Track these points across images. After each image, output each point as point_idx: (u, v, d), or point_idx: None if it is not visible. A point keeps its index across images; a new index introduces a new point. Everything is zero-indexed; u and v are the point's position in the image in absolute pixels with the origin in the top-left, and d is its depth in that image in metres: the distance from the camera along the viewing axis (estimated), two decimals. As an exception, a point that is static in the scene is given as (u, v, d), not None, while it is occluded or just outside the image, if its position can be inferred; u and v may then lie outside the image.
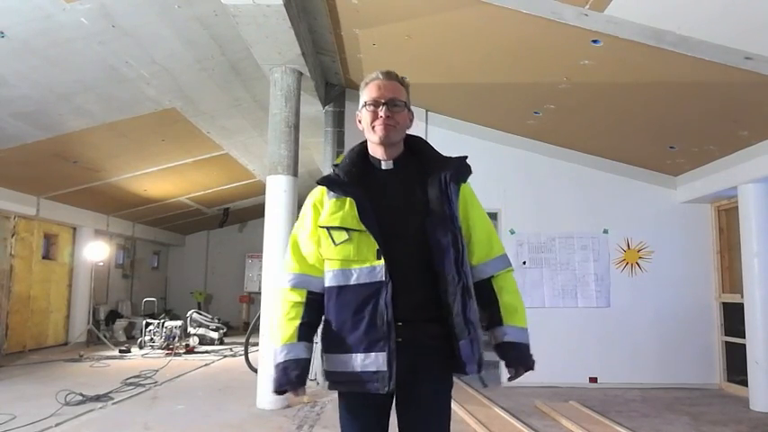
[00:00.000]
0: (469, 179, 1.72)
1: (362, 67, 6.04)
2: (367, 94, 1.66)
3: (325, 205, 1.65)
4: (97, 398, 5.29)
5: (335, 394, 1.70)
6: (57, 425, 4.41)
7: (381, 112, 1.61)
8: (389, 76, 1.68)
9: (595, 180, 6.65)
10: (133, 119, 6.79)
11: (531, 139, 6.63)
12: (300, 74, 5.49)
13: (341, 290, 1.58)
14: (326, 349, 1.62)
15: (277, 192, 5.25)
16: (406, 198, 1.63)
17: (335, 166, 1.71)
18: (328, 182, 1.65)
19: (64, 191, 8.87)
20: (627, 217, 6.62)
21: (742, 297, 5.60)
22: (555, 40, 4.27)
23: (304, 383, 1.63)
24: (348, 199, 1.59)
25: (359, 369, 1.53)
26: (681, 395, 5.95)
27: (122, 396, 5.50)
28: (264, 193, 5.36)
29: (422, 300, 1.57)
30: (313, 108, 6.63)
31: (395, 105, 1.63)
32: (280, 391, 1.62)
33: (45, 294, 9.52)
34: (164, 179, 9.52)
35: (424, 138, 1.79)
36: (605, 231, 6.60)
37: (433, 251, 1.56)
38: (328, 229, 1.59)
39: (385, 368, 1.50)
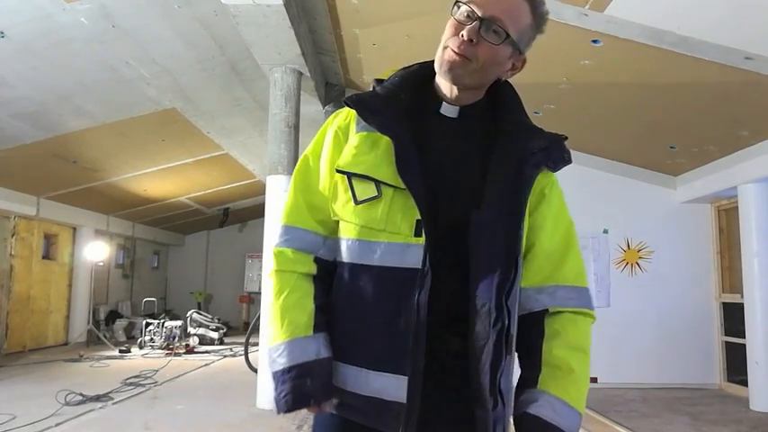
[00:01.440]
0: None
1: (362, 67, 6.04)
2: None
3: (350, 138, 1.10)
4: (97, 398, 5.28)
5: None
6: (57, 425, 4.41)
7: (465, 30, 1.01)
8: None
9: (595, 180, 6.65)
10: (133, 119, 6.79)
11: (531, 139, 6.62)
12: (300, 74, 5.49)
13: (356, 270, 1.06)
14: None
15: (277, 192, 5.25)
16: (460, 165, 1.08)
17: (378, 81, 1.16)
18: (361, 104, 1.08)
19: (64, 191, 8.87)
20: (627, 217, 6.61)
21: (742, 297, 5.60)
22: (555, 40, 4.27)
23: (331, 392, 1.06)
24: (385, 138, 1.05)
25: (364, 392, 1.03)
26: (681, 395, 5.95)
27: (122, 396, 5.50)
28: (264, 193, 5.37)
29: (450, 303, 1.03)
30: (313, 108, 6.63)
31: (491, 30, 1.01)
32: (294, 409, 1.06)
33: (45, 294, 9.52)
34: (164, 179, 9.52)
35: (516, 93, 1.17)
36: (605, 231, 6.60)
37: (471, 261, 1.01)
38: (349, 175, 1.05)
39: (404, 399, 0.98)
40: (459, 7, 1.04)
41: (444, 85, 1.10)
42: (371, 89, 1.13)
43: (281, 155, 5.29)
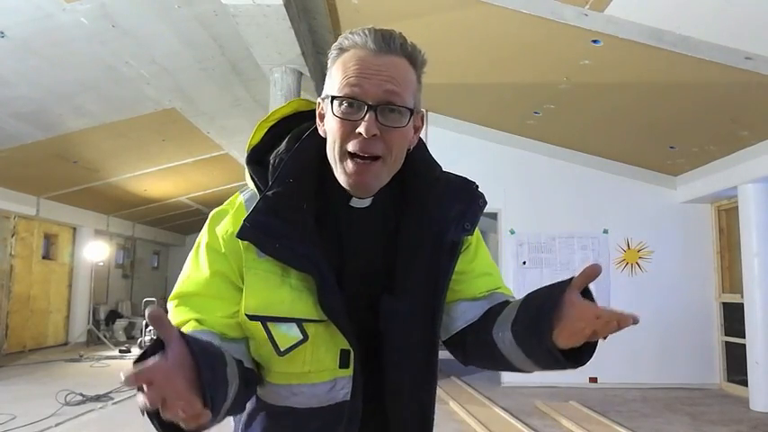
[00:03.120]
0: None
1: (362, 67, 6.04)
2: (339, 74, 0.86)
3: (248, 270, 0.87)
4: (97, 398, 5.28)
5: None
6: (57, 425, 4.41)
7: (363, 127, 0.82)
8: (387, 43, 0.85)
9: (595, 180, 6.65)
10: (133, 119, 6.79)
11: (531, 139, 6.63)
12: (300, 74, 5.50)
13: (276, 411, 0.91)
14: None
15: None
16: (375, 260, 0.93)
17: (250, 157, 0.97)
18: (262, 232, 0.85)
19: (64, 191, 8.87)
20: (627, 217, 6.61)
21: (742, 297, 5.60)
22: (555, 40, 4.27)
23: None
24: (296, 268, 0.85)
25: None
26: (681, 395, 5.95)
27: (122, 396, 5.50)
28: (264, 193, 5.36)
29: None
30: (313, 108, 6.63)
31: (389, 111, 0.84)
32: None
33: (45, 294, 9.52)
34: (164, 179, 9.52)
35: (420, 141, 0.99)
36: (605, 231, 6.60)
37: (384, 356, 0.90)
38: (263, 321, 0.85)
39: None
40: (334, 102, 0.85)
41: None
42: (259, 205, 0.86)
43: (281, 155, 5.29)
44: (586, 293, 0.85)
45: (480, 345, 0.96)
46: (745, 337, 5.54)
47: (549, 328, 0.81)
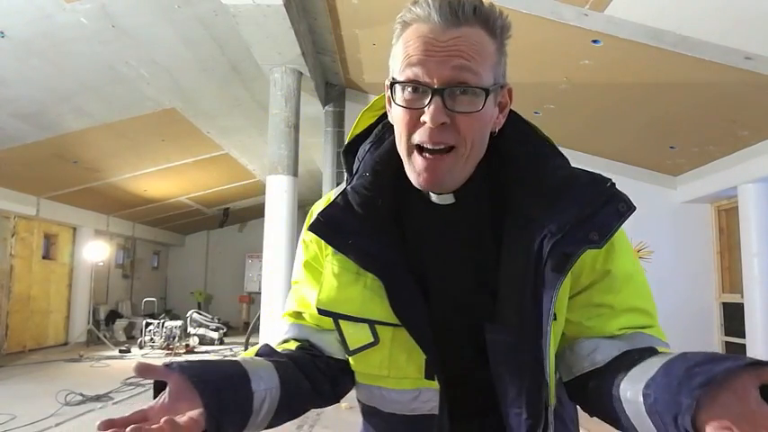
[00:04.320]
0: None
1: (362, 67, 6.04)
2: (401, 54, 0.75)
3: (326, 262, 0.85)
4: (97, 398, 5.28)
5: None
6: (57, 425, 4.41)
7: (428, 116, 0.71)
8: (454, 11, 0.71)
9: (595, 180, 6.64)
10: (133, 119, 6.79)
11: (531, 139, 6.62)
12: (300, 74, 5.50)
13: (367, 410, 0.89)
14: None
15: (277, 192, 5.25)
16: (465, 271, 0.82)
17: (345, 152, 0.89)
18: (334, 229, 0.81)
19: (64, 191, 8.87)
20: (627, 217, 6.61)
21: (742, 297, 5.60)
22: (555, 40, 4.27)
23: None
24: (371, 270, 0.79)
25: None
26: (681, 395, 5.95)
27: (122, 396, 5.50)
28: (264, 193, 5.37)
29: None
30: (313, 108, 6.64)
31: (461, 93, 0.71)
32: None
33: (45, 294, 9.52)
34: (164, 179, 9.52)
35: (526, 124, 0.85)
36: (605, 231, 6.60)
37: (494, 381, 0.78)
38: (335, 317, 0.83)
39: None
40: (396, 88, 0.74)
41: None
42: (336, 199, 0.83)
43: (281, 155, 5.29)
44: None
45: (602, 395, 0.74)
46: (745, 337, 5.55)
47: (691, 403, 0.56)
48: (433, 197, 0.80)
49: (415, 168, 0.75)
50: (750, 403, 0.54)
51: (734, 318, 6.07)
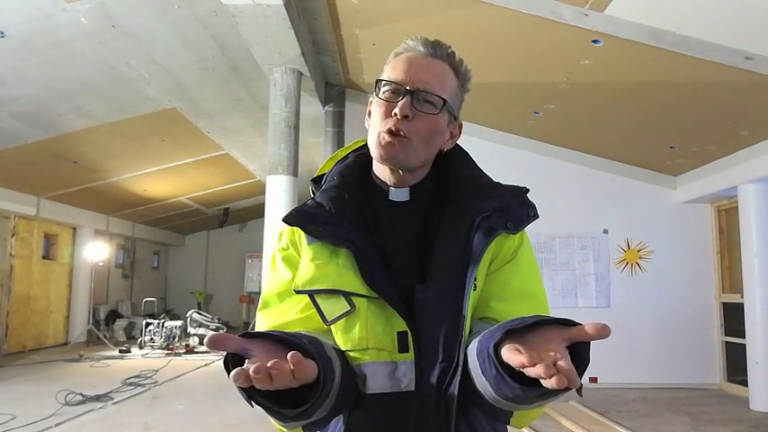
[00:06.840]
0: None
1: (362, 67, 6.04)
2: (388, 68, 0.98)
3: (302, 252, 0.96)
4: (97, 398, 5.28)
5: None
6: (57, 425, 4.41)
7: (398, 107, 0.91)
8: (434, 48, 0.97)
9: (595, 180, 6.65)
10: (133, 119, 6.79)
11: (531, 139, 6.63)
12: (300, 74, 5.50)
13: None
14: None
15: (277, 192, 5.25)
16: (417, 250, 0.96)
17: (315, 180, 1.06)
18: (306, 219, 0.94)
19: (64, 191, 8.87)
20: (627, 217, 6.61)
21: (742, 297, 5.60)
22: (555, 40, 4.27)
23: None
24: (343, 249, 0.91)
25: None
26: (681, 395, 5.95)
27: (122, 396, 5.50)
28: (264, 193, 5.36)
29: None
30: (313, 108, 6.63)
31: (425, 101, 0.93)
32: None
33: (45, 294, 9.52)
34: (164, 179, 9.52)
35: (464, 150, 1.06)
36: (605, 231, 6.60)
37: (414, 344, 0.88)
38: (311, 294, 0.90)
39: None
40: (381, 87, 0.96)
41: (385, 171, 0.98)
42: (310, 200, 0.99)
43: (281, 155, 5.29)
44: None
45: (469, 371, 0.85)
46: (745, 337, 5.55)
47: (500, 336, 0.71)
48: (392, 194, 0.99)
49: (380, 144, 0.93)
50: (550, 345, 0.65)
51: (734, 318, 6.07)
